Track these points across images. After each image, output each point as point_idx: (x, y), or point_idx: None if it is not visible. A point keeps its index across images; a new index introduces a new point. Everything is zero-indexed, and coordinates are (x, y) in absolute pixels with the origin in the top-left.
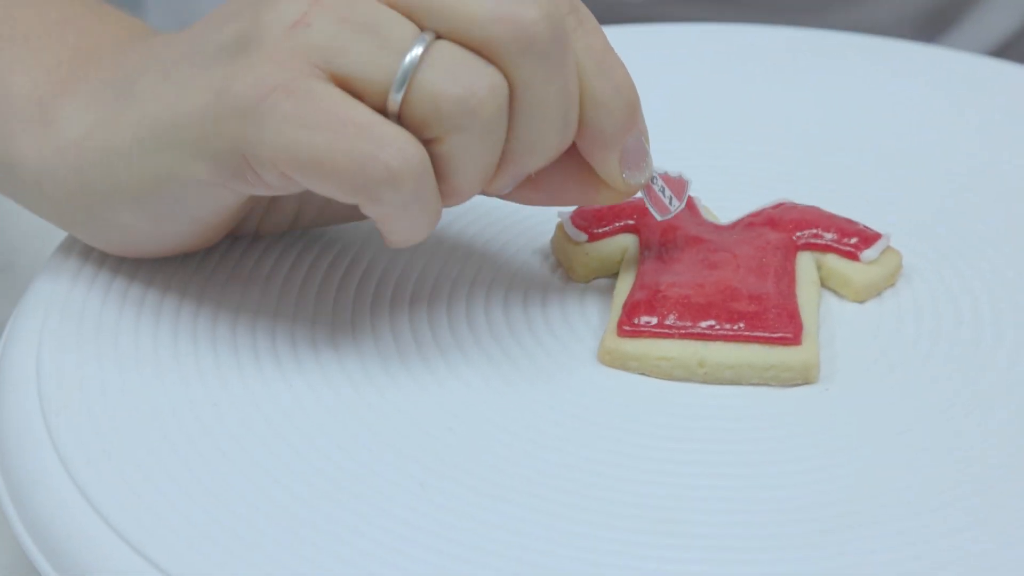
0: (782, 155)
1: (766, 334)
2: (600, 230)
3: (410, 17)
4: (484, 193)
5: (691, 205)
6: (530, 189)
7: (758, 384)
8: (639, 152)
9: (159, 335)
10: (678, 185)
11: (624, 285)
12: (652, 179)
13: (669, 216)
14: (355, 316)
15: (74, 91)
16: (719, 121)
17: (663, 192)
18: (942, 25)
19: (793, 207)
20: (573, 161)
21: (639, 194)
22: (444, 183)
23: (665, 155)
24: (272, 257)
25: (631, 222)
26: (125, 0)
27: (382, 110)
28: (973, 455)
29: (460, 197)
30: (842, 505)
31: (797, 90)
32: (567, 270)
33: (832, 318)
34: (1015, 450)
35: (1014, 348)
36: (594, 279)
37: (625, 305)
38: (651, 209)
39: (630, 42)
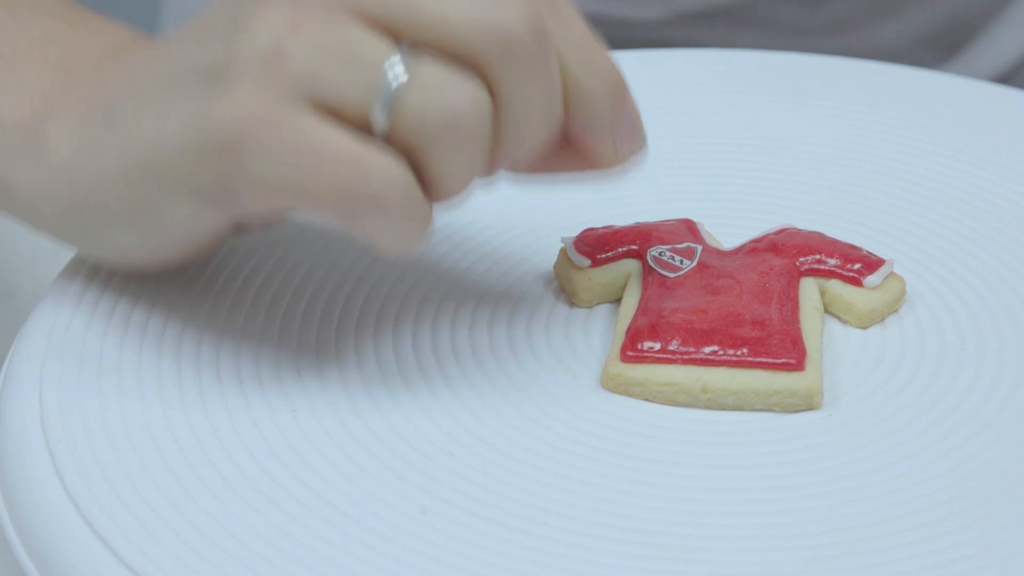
0: (785, 180)
1: (769, 360)
2: (603, 255)
3: (388, 31)
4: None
5: (694, 231)
6: (530, 167)
7: (761, 410)
8: (632, 127)
9: (162, 362)
10: (687, 252)
11: (627, 310)
12: (660, 253)
13: (679, 275)
14: (358, 342)
15: (58, 114)
16: (723, 145)
17: (672, 259)
18: (953, 48)
19: (796, 232)
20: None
21: (648, 261)
22: (433, 189)
23: (670, 179)
24: (275, 283)
25: (634, 247)
26: (142, 10)
27: (365, 130)
28: (977, 482)
29: (451, 198)
30: (845, 532)
31: (800, 115)
32: (570, 295)
33: (835, 344)
34: (1019, 477)
35: (1018, 374)
36: (597, 304)
37: (628, 331)
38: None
39: (637, 67)
